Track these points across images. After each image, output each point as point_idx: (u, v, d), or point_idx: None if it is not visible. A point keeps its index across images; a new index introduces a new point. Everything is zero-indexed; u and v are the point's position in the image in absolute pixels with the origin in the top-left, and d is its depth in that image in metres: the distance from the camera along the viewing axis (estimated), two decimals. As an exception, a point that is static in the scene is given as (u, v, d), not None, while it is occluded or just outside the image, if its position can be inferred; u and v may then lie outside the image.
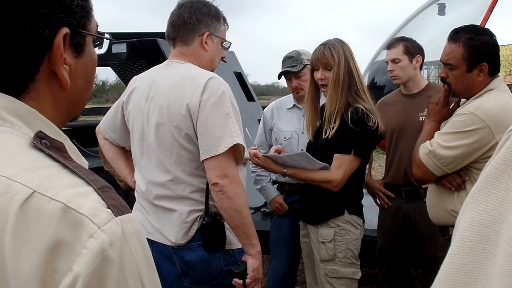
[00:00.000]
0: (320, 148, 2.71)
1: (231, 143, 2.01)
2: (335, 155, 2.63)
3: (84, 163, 0.82)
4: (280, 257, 3.45)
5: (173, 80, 2.13)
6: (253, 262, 2.12)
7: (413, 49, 3.25)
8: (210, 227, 2.13)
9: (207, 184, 2.09)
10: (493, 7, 5.30)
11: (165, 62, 2.27)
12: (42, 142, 0.76)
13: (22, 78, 0.80)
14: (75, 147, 0.84)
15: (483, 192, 0.64)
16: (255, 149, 2.72)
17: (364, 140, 2.63)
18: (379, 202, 3.38)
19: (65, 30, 0.80)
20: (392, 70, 3.26)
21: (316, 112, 2.82)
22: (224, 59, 3.37)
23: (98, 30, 0.92)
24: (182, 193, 2.13)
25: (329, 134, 2.64)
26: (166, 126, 2.10)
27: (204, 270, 2.16)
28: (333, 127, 2.63)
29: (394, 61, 3.25)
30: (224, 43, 2.32)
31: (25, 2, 0.76)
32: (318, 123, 2.81)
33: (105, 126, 2.43)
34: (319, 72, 2.71)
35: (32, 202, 0.67)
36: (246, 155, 2.21)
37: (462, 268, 0.62)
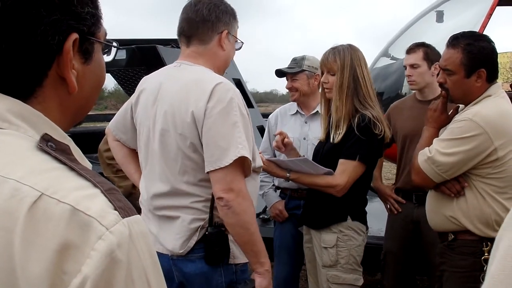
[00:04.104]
0: (327, 152, 2.72)
1: (236, 156, 1.87)
2: (340, 161, 2.64)
3: (87, 165, 0.83)
4: (283, 263, 3.45)
5: (179, 83, 2.01)
6: (261, 281, 2.00)
7: (432, 56, 3.22)
8: (213, 238, 2.00)
9: (213, 194, 1.97)
10: (490, 15, 5.31)
11: (175, 63, 2.14)
12: (48, 145, 0.77)
13: (31, 82, 0.80)
14: (79, 149, 0.85)
15: None
16: (260, 153, 2.73)
17: (370, 147, 2.63)
18: (389, 207, 3.37)
19: (74, 36, 0.81)
20: (410, 75, 3.24)
21: (329, 118, 2.81)
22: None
23: (107, 38, 0.92)
24: (184, 203, 2.02)
25: (335, 139, 2.65)
26: (171, 133, 1.98)
27: (203, 285, 2.03)
28: (340, 133, 2.64)
29: (413, 66, 3.22)
30: (236, 43, 2.20)
31: (37, 8, 0.76)
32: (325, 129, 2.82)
33: (115, 127, 2.30)
34: (323, 76, 2.74)
35: (40, 205, 0.68)
36: (260, 163, 2.11)
37: None
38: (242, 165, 1.93)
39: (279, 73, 3.45)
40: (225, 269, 2.04)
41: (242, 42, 2.21)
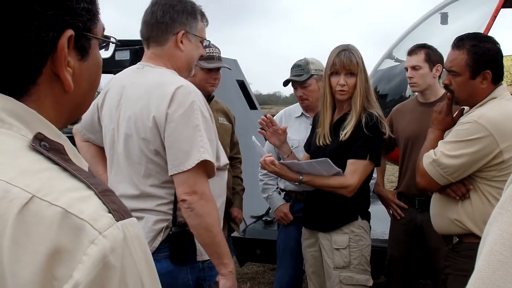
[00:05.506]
0: (333, 152, 2.68)
1: (198, 160, 1.90)
2: (350, 161, 2.63)
3: (84, 164, 0.81)
4: (286, 267, 3.44)
5: (141, 88, 2.03)
6: (225, 282, 2.01)
7: (434, 57, 3.20)
8: (178, 237, 2.03)
9: (175, 195, 2.01)
10: (495, 17, 5.30)
11: (137, 65, 2.17)
12: (41, 144, 0.74)
13: (24, 80, 0.78)
14: (75, 148, 0.82)
15: None
16: (271, 156, 2.70)
17: (379, 145, 2.65)
18: (392, 213, 3.34)
19: (69, 32, 0.78)
20: (411, 77, 3.22)
21: (331, 120, 2.76)
22: (228, 67, 3.33)
23: (105, 34, 0.91)
24: (150, 206, 2.03)
25: (342, 139, 2.63)
26: (134, 138, 2.01)
27: (169, 284, 2.00)
28: (347, 132, 2.62)
29: (414, 68, 3.20)
30: (205, 42, 2.19)
31: (30, 3, 0.74)
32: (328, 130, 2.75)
33: (82, 128, 2.29)
34: (341, 78, 2.66)
35: (31, 207, 0.65)
36: (225, 161, 2.15)
37: (492, 284, 0.60)
38: (205, 168, 1.96)
39: (287, 82, 3.42)
40: (191, 267, 2.07)
41: (207, 40, 2.21)
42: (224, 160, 2.15)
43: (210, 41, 2.23)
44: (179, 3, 2.09)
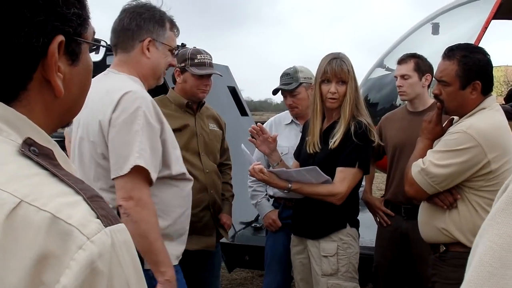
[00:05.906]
0: (322, 160, 2.69)
1: (132, 165, 1.93)
2: (339, 168, 2.64)
3: (73, 170, 0.81)
4: (274, 273, 3.44)
5: (98, 93, 2.03)
6: None
7: (423, 67, 3.23)
8: None
9: None
10: (486, 28, 5.35)
11: (105, 71, 2.20)
12: (30, 149, 0.74)
13: (14, 86, 0.77)
14: (64, 154, 0.82)
15: (504, 213, 0.62)
16: (260, 164, 2.71)
17: (367, 153, 2.66)
18: (378, 220, 3.36)
19: (60, 38, 0.78)
20: (400, 86, 3.25)
21: (321, 127, 2.78)
22: (219, 73, 3.32)
23: (95, 38, 0.91)
24: None
25: (331, 146, 2.64)
26: (85, 142, 2.06)
27: None
28: (336, 140, 2.63)
29: (403, 77, 3.23)
30: (175, 51, 2.21)
31: (20, 9, 0.74)
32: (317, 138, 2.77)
33: (69, 129, 2.35)
34: (332, 86, 2.68)
35: (20, 212, 0.65)
36: (178, 170, 2.14)
37: None
38: (144, 174, 1.96)
39: (276, 90, 3.43)
40: None
41: (177, 50, 2.22)
42: (178, 169, 2.14)
43: (179, 50, 2.24)
44: (147, 11, 2.12)
